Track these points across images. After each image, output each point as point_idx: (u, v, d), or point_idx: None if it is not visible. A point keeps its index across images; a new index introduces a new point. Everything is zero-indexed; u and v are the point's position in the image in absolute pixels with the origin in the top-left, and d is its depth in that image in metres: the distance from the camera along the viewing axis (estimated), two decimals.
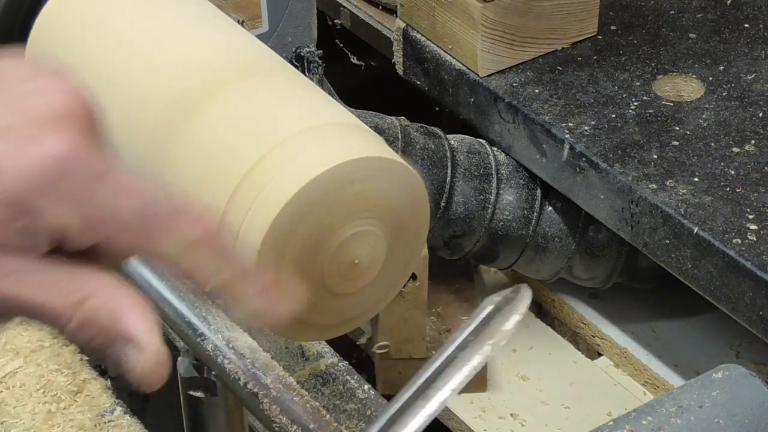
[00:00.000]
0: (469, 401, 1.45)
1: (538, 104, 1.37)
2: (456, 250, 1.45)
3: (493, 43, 1.40)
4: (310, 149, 0.89)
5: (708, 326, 1.49)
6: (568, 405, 1.45)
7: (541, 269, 1.46)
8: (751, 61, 1.43)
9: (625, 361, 1.48)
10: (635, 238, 1.28)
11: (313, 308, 0.93)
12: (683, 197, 1.25)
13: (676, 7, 1.52)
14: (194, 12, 1.03)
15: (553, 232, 1.43)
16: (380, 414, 0.74)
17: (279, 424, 0.88)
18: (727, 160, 1.29)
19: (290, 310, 0.73)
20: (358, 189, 0.89)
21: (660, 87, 1.40)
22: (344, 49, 1.73)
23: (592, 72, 1.42)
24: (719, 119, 1.35)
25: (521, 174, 1.43)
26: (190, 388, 0.98)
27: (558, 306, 1.56)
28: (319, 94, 0.96)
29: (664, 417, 0.93)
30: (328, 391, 1.24)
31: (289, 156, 0.89)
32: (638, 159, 1.30)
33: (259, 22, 1.37)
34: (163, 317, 0.99)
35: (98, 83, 1.01)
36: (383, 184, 0.91)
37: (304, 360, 1.29)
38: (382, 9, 1.67)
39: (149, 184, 0.67)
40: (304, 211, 0.87)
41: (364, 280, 0.93)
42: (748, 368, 0.97)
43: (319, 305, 0.93)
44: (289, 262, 0.89)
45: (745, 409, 0.95)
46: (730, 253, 1.19)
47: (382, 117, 1.43)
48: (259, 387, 0.90)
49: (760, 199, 1.24)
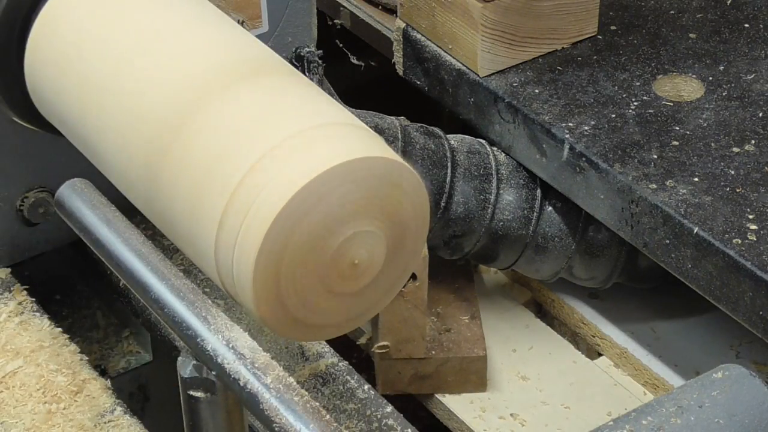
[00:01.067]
0: (469, 401, 1.45)
1: (538, 104, 1.37)
2: (456, 250, 1.45)
3: (493, 43, 1.40)
4: (310, 149, 0.89)
5: (708, 326, 1.49)
6: (568, 405, 1.45)
7: (541, 269, 1.46)
8: (751, 61, 1.43)
9: (625, 361, 1.48)
10: (635, 238, 1.28)
11: (314, 308, 0.93)
12: (683, 197, 1.25)
13: (676, 7, 1.52)
14: (194, 12, 1.03)
15: (553, 232, 1.43)
16: None
17: (279, 424, 0.88)
18: (727, 160, 1.29)
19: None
20: (357, 189, 0.89)
21: (660, 87, 1.40)
22: (344, 49, 1.73)
23: (592, 72, 1.42)
24: (719, 119, 1.35)
25: (521, 174, 1.43)
26: (190, 388, 0.98)
27: (558, 306, 1.56)
28: (319, 94, 0.96)
29: (664, 417, 0.94)
30: (328, 391, 1.24)
31: (289, 156, 0.89)
32: (638, 159, 1.30)
33: (259, 22, 1.37)
34: (163, 317, 0.99)
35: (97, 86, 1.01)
36: (383, 184, 0.91)
37: (304, 360, 1.29)
38: (382, 9, 1.67)
39: None
40: (303, 212, 0.88)
41: (365, 280, 0.93)
42: (748, 368, 0.98)
43: (319, 305, 0.93)
44: (289, 263, 0.89)
45: (745, 409, 0.95)
46: (730, 253, 1.19)
47: (382, 117, 1.43)
48: (259, 387, 0.90)
49: (760, 199, 1.24)
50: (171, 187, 0.95)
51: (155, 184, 0.97)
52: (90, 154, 1.06)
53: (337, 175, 0.88)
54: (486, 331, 1.48)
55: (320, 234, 0.89)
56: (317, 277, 0.91)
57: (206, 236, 0.92)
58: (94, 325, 1.49)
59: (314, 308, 0.93)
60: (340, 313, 0.95)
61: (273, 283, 0.90)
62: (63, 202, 1.07)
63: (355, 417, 1.21)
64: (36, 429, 1.17)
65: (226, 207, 0.90)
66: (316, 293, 0.92)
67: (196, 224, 0.93)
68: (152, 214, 1.00)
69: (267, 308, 0.91)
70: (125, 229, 1.04)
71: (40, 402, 1.19)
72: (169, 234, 1.00)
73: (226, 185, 0.90)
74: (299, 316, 0.93)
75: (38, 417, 1.18)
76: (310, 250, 0.89)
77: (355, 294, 0.94)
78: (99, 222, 1.04)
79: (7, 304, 1.31)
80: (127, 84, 0.99)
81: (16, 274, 1.37)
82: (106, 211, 1.07)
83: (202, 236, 0.92)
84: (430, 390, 1.46)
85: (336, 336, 0.98)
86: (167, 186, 0.96)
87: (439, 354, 1.44)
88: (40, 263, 1.41)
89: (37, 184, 1.36)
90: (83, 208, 1.06)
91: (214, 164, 0.92)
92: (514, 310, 1.57)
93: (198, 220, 0.93)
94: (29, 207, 1.36)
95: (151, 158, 0.97)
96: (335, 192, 0.89)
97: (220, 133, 0.93)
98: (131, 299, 1.36)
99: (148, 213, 1.01)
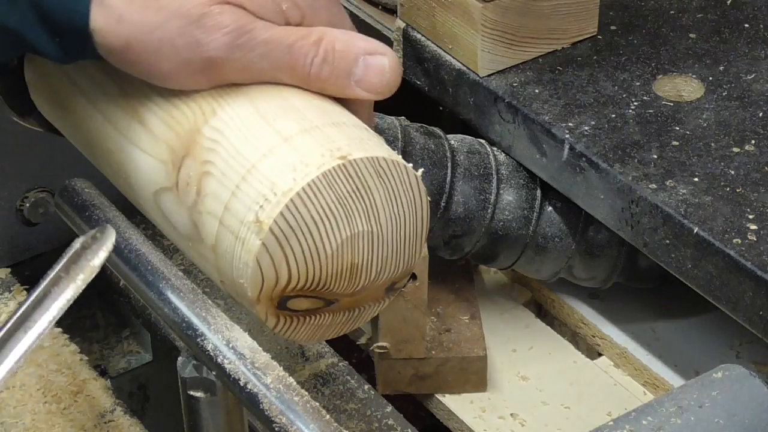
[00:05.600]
0: (469, 401, 1.45)
1: (538, 104, 1.37)
2: (456, 250, 1.45)
3: (493, 43, 1.40)
4: (310, 150, 0.89)
5: (708, 326, 1.49)
6: (568, 405, 1.45)
7: (541, 269, 1.46)
8: (751, 61, 1.43)
9: (625, 361, 1.48)
10: (635, 238, 1.28)
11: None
12: (683, 197, 1.25)
13: (676, 7, 1.52)
14: None
15: (553, 232, 1.43)
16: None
17: (279, 424, 0.88)
18: (727, 160, 1.29)
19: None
20: (358, 189, 0.89)
21: (660, 87, 1.40)
22: None
23: (592, 72, 1.42)
24: (719, 119, 1.35)
25: (521, 174, 1.43)
26: (190, 388, 0.98)
27: (558, 306, 1.56)
28: (319, 94, 0.96)
29: (664, 417, 0.94)
30: (328, 391, 1.25)
31: (289, 156, 0.89)
32: (638, 159, 1.30)
33: None
34: (163, 317, 0.99)
35: None
36: (401, 191, 0.91)
37: (304, 360, 1.29)
38: (382, 9, 1.67)
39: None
40: (324, 194, 0.88)
41: (364, 281, 0.93)
42: (748, 368, 0.98)
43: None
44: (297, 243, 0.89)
45: (745, 409, 0.95)
46: (730, 253, 1.19)
47: (382, 117, 1.43)
48: (259, 387, 0.90)
49: (760, 199, 1.24)
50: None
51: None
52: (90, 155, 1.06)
53: (337, 175, 0.88)
54: (486, 331, 1.48)
55: (320, 234, 0.89)
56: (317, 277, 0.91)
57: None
58: (94, 325, 1.49)
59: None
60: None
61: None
62: (63, 202, 1.07)
63: (355, 417, 1.21)
64: (36, 429, 1.17)
65: (228, 204, 0.90)
66: (316, 293, 0.92)
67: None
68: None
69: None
70: (125, 229, 1.04)
71: (40, 402, 1.19)
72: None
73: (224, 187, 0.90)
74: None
75: (38, 417, 1.18)
76: (310, 251, 0.89)
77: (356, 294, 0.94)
78: (99, 222, 1.04)
79: (7, 304, 1.31)
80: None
81: (16, 274, 1.38)
82: (106, 211, 1.07)
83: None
84: (430, 390, 1.46)
85: (336, 336, 0.98)
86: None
87: (439, 354, 1.44)
88: (40, 263, 1.41)
89: (37, 184, 1.36)
90: (83, 208, 1.07)
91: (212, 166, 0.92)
92: (514, 310, 1.57)
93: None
94: (29, 207, 1.36)
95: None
96: (335, 192, 0.89)
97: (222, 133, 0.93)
98: (131, 299, 1.36)
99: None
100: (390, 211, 0.91)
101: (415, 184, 0.92)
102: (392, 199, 0.91)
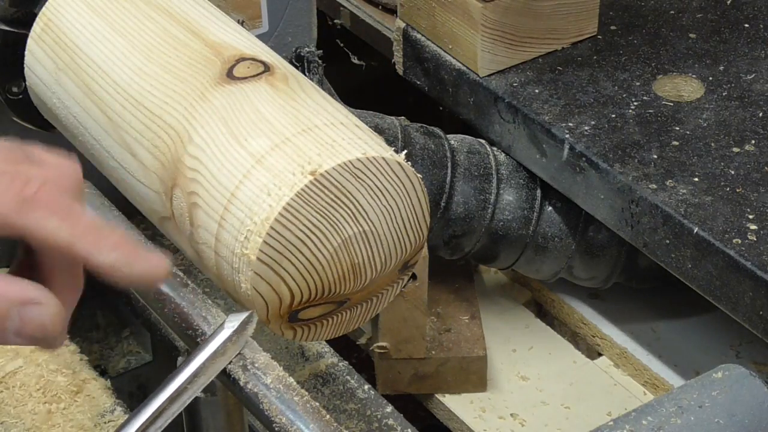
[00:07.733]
0: (469, 401, 1.45)
1: (538, 104, 1.37)
2: (456, 250, 1.45)
3: (493, 43, 1.40)
4: (283, 168, 0.88)
5: (708, 326, 1.49)
6: (568, 405, 1.45)
7: (541, 269, 1.46)
8: (751, 61, 1.43)
9: (625, 361, 1.48)
10: (635, 238, 1.28)
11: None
12: (683, 197, 1.25)
13: (676, 7, 1.52)
14: (195, 12, 1.03)
15: (553, 232, 1.43)
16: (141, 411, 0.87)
17: (279, 424, 0.88)
18: (727, 160, 1.29)
19: (145, 271, 0.81)
20: (337, 197, 0.89)
21: (660, 87, 1.40)
22: (344, 49, 1.73)
23: (592, 72, 1.42)
24: (719, 119, 1.35)
25: (521, 174, 1.43)
26: None
27: (558, 306, 1.56)
28: (319, 94, 0.96)
29: (664, 417, 0.93)
30: (328, 391, 1.24)
31: (289, 156, 0.89)
32: (638, 159, 1.30)
33: (259, 22, 1.37)
34: (163, 317, 0.99)
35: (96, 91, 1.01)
36: (383, 184, 0.90)
37: (304, 360, 1.29)
38: (382, 9, 1.67)
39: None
40: (303, 212, 0.87)
41: (370, 275, 0.93)
42: (748, 368, 0.97)
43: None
44: (289, 264, 0.89)
45: (745, 409, 0.95)
46: (730, 253, 1.19)
47: (382, 117, 1.43)
48: (259, 387, 0.90)
49: (760, 199, 1.24)
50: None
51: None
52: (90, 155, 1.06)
53: (337, 174, 0.88)
54: (486, 331, 1.48)
55: (320, 234, 0.89)
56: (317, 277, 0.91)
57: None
58: (94, 325, 1.49)
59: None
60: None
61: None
62: None
63: (355, 417, 1.21)
64: (36, 429, 1.17)
65: (227, 205, 0.90)
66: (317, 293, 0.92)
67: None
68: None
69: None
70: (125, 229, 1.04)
71: (40, 402, 1.19)
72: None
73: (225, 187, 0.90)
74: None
75: (38, 417, 1.18)
76: (310, 251, 0.89)
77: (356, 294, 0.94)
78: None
79: None
80: (123, 87, 0.99)
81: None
82: (106, 211, 1.07)
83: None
84: (430, 390, 1.46)
85: (336, 336, 0.97)
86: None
87: (439, 354, 1.44)
88: None
89: None
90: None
91: (212, 166, 0.92)
92: (514, 310, 1.57)
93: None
94: None
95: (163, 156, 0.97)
96: (335, 191, 0.88)
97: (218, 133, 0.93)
98: (131, 299, 1.36)
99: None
100: (377, 206, 0.90)
101: (398, 170, 0.91)
102: (377, 195, 0.90)
